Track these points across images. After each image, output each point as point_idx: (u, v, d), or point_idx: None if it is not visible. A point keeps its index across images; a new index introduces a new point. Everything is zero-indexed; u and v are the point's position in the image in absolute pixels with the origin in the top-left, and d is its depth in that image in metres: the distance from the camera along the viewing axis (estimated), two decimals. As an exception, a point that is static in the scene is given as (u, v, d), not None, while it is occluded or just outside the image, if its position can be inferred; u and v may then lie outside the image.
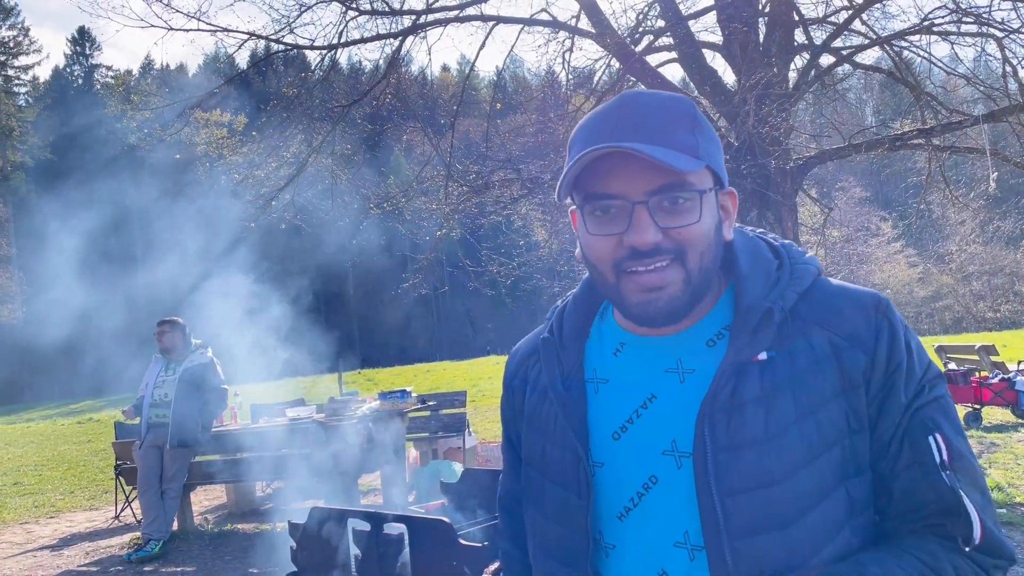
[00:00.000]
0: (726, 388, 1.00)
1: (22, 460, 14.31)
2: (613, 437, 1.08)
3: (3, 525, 8.16)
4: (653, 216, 0.98)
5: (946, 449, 1.00)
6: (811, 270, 1.09)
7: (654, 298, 1.00)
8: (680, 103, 1.03)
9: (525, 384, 1.23)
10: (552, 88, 15.48)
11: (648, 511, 1.04)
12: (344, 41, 11.34)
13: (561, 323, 1.20)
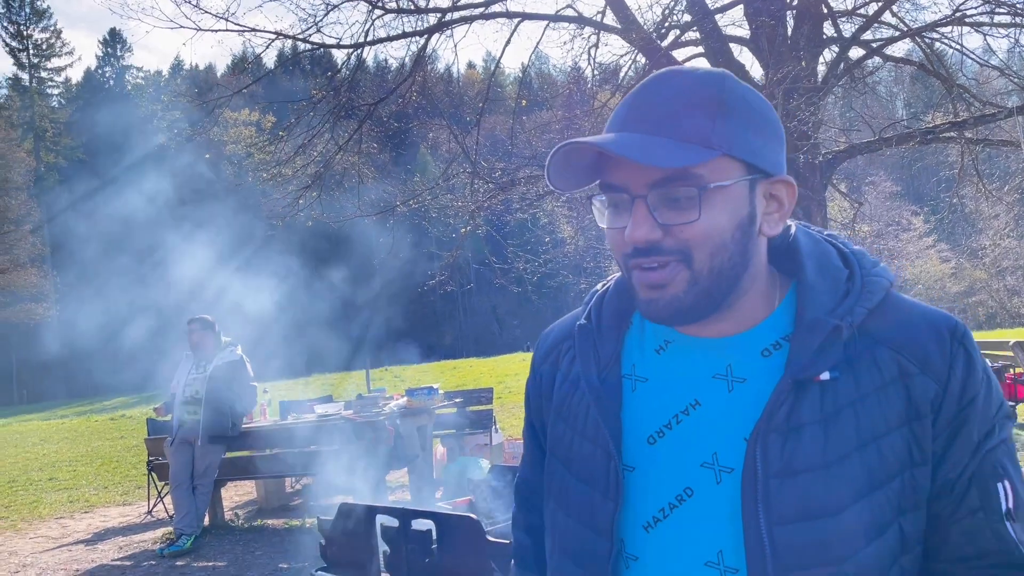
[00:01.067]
0: (783, 408, 0.92)
1: (57, 456, 14.57)
2: (648, 441, 1.00)
3: (39, 520, 8.32)
4: (653, 212, 0.92)
5: (1013, 498, 0.95)
6: (883, 283, 1.00)
7: (656, 296, 0.95)
8: (707, 84, 0.94)
9: (555, 370, 1.14)
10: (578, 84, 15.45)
11: (679, 525, 0.96)
12: (370, 40, 11.39)
13: (600, 310, 1.11)
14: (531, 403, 1.21)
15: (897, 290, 1.02)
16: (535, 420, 1.20)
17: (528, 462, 1.23)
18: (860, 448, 0.91)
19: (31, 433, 22.51)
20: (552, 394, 1.14)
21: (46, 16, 61.54)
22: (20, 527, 7.95)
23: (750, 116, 0.95)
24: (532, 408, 1.20)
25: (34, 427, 26.14)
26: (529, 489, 1.23)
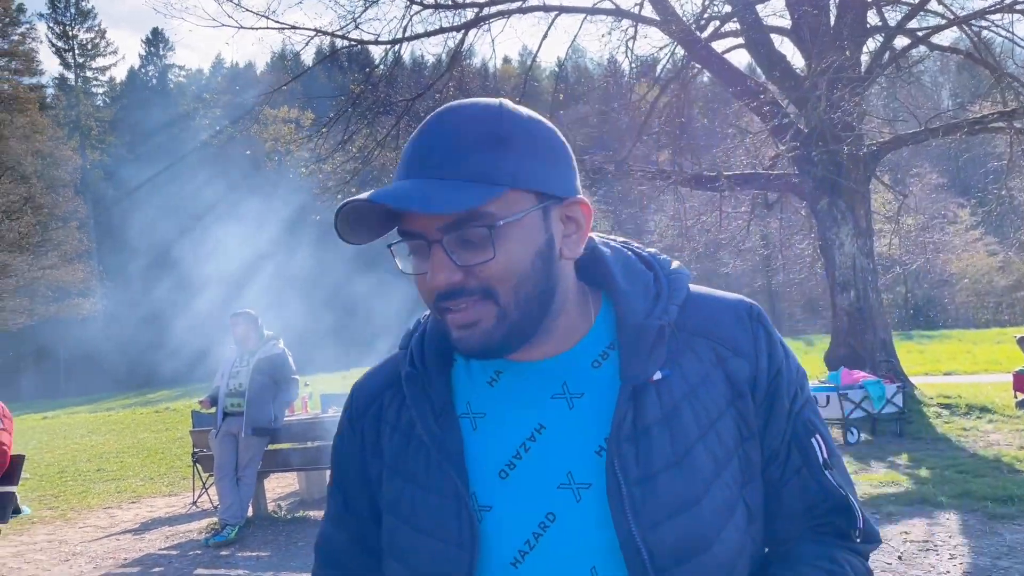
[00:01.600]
0: (628, 415, 0.94)
1: (104, 447, 14.91)
2: (500, 476, 0.97)
3: (88, 509, 8.53)
4: (450, 255, 0.90)
5: (825, 448, 1.03)
6: (684, 280, 1.04)
7: (467, 335, 0.93)
8: (484, 119, 0.92)
9: (380, 423, 1.08)
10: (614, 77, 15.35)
11: (548, 552, 0.95)
12: (408, 35, 11.43)
13: (422, 353, 1.06)
14: (348, 461, 1.12)
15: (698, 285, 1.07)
16: (351, 478, 1.12)
17: (334, 519, 1.15)
18: (702, 437, 0.95)
19: (79, 425, 23.07)
20: (381, 450, 1.07)
21: (91, 16, 62.79)
22: (70, 516, 8.16)
23: (533, 145, 0.93)
24: (350, 467, 1.12)
25: (81, 419, 26.79)
26: (332, 547, 1.15)
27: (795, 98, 10.07)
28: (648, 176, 11.78)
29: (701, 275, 18.58)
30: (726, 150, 13.38)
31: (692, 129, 12.57)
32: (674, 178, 11.49)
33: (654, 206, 15.06)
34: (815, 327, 38.96)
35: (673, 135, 12.35)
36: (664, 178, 11.62)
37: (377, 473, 1.07)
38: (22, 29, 32.99)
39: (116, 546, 6.69)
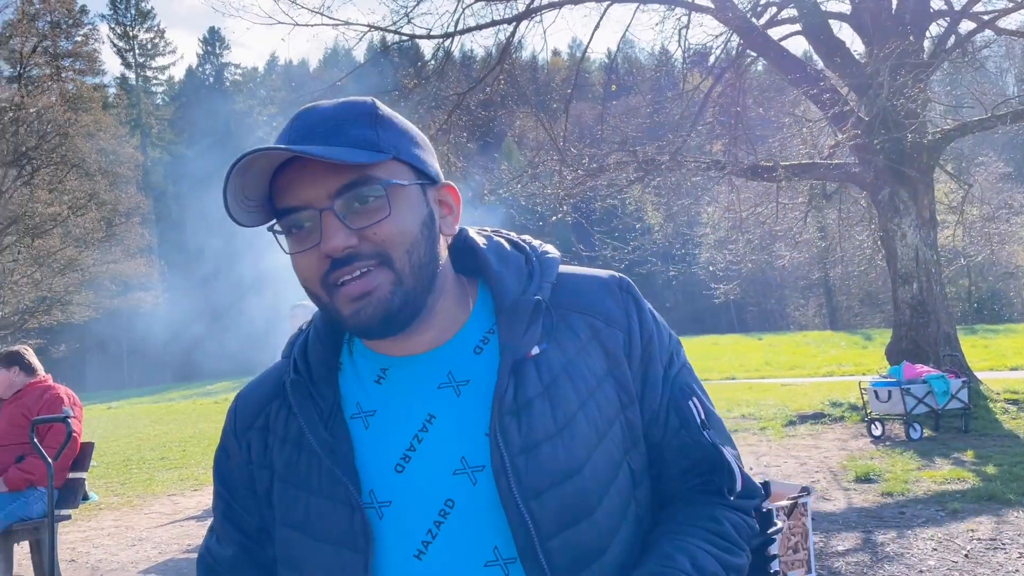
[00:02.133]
0: (508, 391, 0.96)
1: (167, 436, 15.33)
2: (396, 470, 0.98)
3: (153, 496, 8.78)
4: (344, 220, 0.92)
5: (702, 409, 1.06)
6: (556, 260, 1.08)
7: (363, 305, 0.93)
8: (358, 105, 0.98)
9: (267, 434, 1.06)
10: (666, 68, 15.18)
11: (450, 539, 0.95)
12: (460, 29, 11.45)
13: (306, 359, 1.05)
14: (233, 475, 1.10)
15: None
16: (236, 492, 1.10)
17: (219, 535, 1.13)
18: (581, 406, 0.98)
19: (142, 415, 23.76)
20: (270, 461, 1.05)
21: (150, 17, 64.42)
22: (136, 503, 8.41)
23: (404, 129, 1.01)
24: (234, 480, 1.10)
25: (144, 409, 27.58)
26: (215, 560, 1.13)
27: (855, 85, 9.84)
28: (702, 167, 11.63)
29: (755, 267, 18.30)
30: (782, 139, 13.13)
31: (747, 119, 12.36)
32: (729, 169, 11.33)
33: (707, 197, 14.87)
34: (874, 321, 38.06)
35: (728, 125, 12.17)
36: (719, 169, 11.46)
37: (266, 487, 1.05)
38: (85, 30, 33.94)
39: (180, 532, 6.87)
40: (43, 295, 26.07)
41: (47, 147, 26.88)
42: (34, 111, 26.98)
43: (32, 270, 25.80)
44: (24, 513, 4.60)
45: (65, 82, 30.75)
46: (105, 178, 28.75)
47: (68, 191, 26.92)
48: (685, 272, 18.63)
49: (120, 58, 63.77)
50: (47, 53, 30.30)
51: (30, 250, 25.84)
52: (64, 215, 26.27)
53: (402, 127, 1.01)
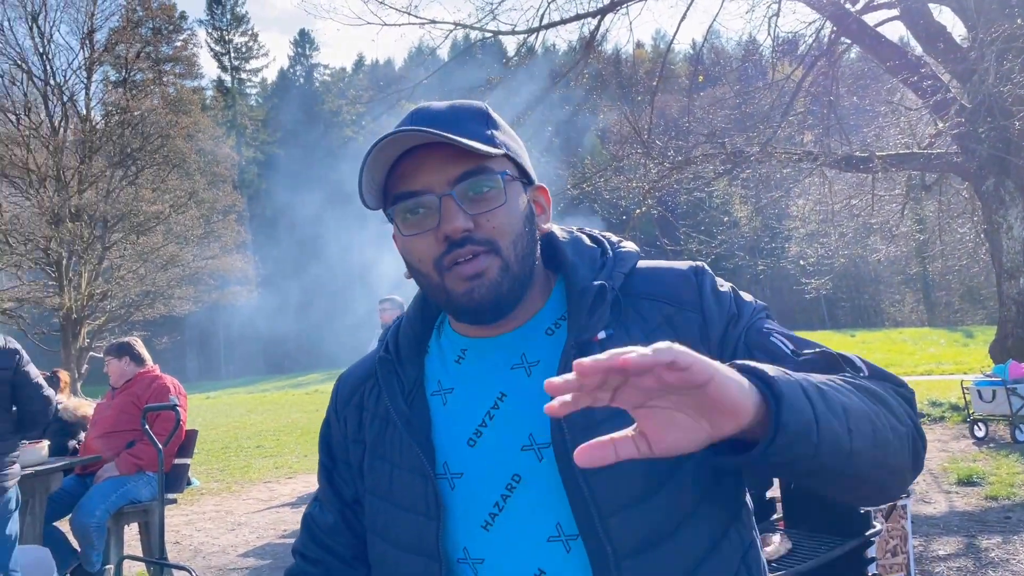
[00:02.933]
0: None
1: (262, 426, 15.91)
2: (468, 444, 1.04)
3: (250, 483, 9.14)
4: (461, 205, 0.99)
5: (790, 342, 1.01)
6: (632, 254, 1.12)
7: (476, 285, 1.00)
8: (472, 106, 1.06)
9: (362, 411, 1.16)
10: (754, 57, 14.83)
11: (515, 513, 1.00)
12: (545, 24, 11.46)
13: (396, 341, 1.16)
14: (333, 447, 1.21)
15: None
16: (337, 464, 1.20)
17: (321, 502, 1.24)
18: None
19: (238, 405, 24.71)
20: (363, 436, 1.15)
21: (245, 21, 66.76)
22: (234, 489, 8.77)
23: (511, 133, 1.08)
24: (334, 452, 1.20)
25: (240, 399, 28.67)
26: (316, 525, 1.23)
27: (958, 71, 9.41)
28: (793, 158, 11.33)
29: (848, 262, 17.70)
30: (878, 129, 12.66)
31: (840, 108, 11.96)
32: (821, 160, 11.00)
33: (797, 189, 14.46)
34: (976, 317, 36.33)
35: (820, 115, 11.81)
36: (811, 160, 11.14)
37: (359, 459, 1.15)
38: (184, 35, 35.48)
39: (276, 518, 7.13)
40: (147, 289, 27.37)
41: (150, 148, 28.20)
42: (138, 114, 28.34)
43: (137, 265, 27.13)
44: (134, 496, 4.86)
45: (166, 86, 32.20)
46: (204, 177, 29.99)
47: (170, 190, 28.18)
48: (774, 266, 18.18)
49: (217, 61, 66.37)
50: (150, 58, 31.78)
51: (135, 246, 27.16)
52: (166, 213, 27.51)
53: (508, 130, 1.08)
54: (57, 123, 27.35)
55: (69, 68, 28.72)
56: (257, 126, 65.25)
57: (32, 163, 26.00)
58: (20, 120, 26.50)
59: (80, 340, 25.39)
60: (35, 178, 26.06)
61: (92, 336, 26.06)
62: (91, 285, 26.29)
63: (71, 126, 27.79)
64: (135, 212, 26.89)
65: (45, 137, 26.62)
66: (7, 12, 26.90)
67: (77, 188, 26.36)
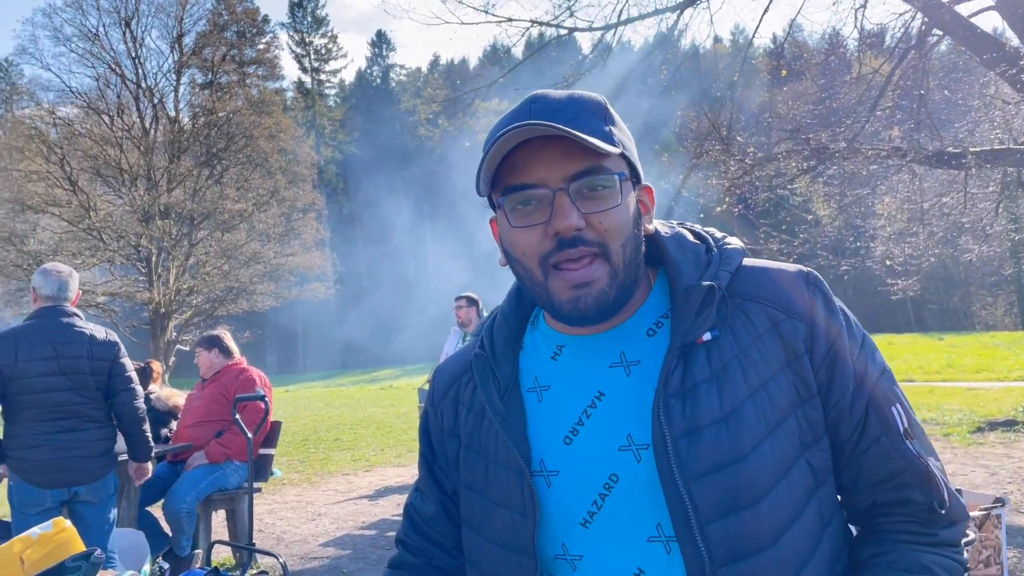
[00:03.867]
0: (676, 373, 0.98)
1: (339, 419, 16.26)
2: (565, 442, 1.03)
3: (329, 475, 9.34)
4: (575, 202, 0.97)
5: (906, 418, 1.02)
6: (738, 252, 1.08)
7: (583, 294, 0.98)
8: (592, 99, 1.03)
9: (457, 405, 1.17)
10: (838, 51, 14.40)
11: (614, 512, 0.99)
12: (622, 19, 11.36)
13: (492, 337, 1.15)
14: (431, 439, 1.22)
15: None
16: (436, 455, 1.21)
17: (421, 491, 1.25)
18: (752, 395, 0.97)
19: (316, 398, 25.31)
20: (458, 430, 1.16)
21: (325, 23, 68.28)
22: (314, 480, 8.98)
23: (625, 128, 1.05)
24: (433, 444, 1.21)
25: (318, 393, 29.37)
26: (417, 514, 1.25)
27: (1060, 62, 8.93)
28: (880, 154, 10.95)
29: (938, 262, 17.02)
30: (971, 124, 12.12)
31: (931, 102, 11.50)
32: (911, 156, 10.59)
33: (884, 187, 13.98)
34: (1075, 321, 34.47)
35: (909, 109, 11.38)
36: (899, 156, 10.74)
37: (455, 452, 1.16)
38: (267, 38, 36.50)
39: (355, 509, 7.27)
40: (230, 285, 28.25)
41: (235, 148, 29.11)
42: (223, 115, 29.28)
43: (221, 262, 28.03)
44: (222, 484, 5.02)
45: (250, 87, 33.17)
46: (285, 176, 30.78)
47: (252, 189, 29.03)
48: (858, 267, 17.62)
49: (297, 63, 68.10)
50: (234, 61, 32.79)
51: (219, 243, 28.07)
52: (249, 211, 28.34)
53: (625, 129, 1.06)
54: (148, 124, 28.50)
55: (159, 71, 29.93)
56: (335, 126, 66.69)
57: (125, 163, 27.16)
58: (114, 121, 27.72)
59: (168, 333, 26.40)
60: (127, 177, 27.21)
61: (179, 330, 27.07)
62: (178, 280, 27.31)
63: (161, 127, 28.92)
64: (220, 210, 27.80)
65: (137, 138, 27.77)
66: (103, 18, 28.18)
67: (166, 187, 27.41)
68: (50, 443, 3.73)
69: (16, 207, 26.53)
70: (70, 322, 3.82)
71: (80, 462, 3.79)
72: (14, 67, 50.31)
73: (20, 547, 2.76)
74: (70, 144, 26.75)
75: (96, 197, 26.75)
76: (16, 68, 50.76)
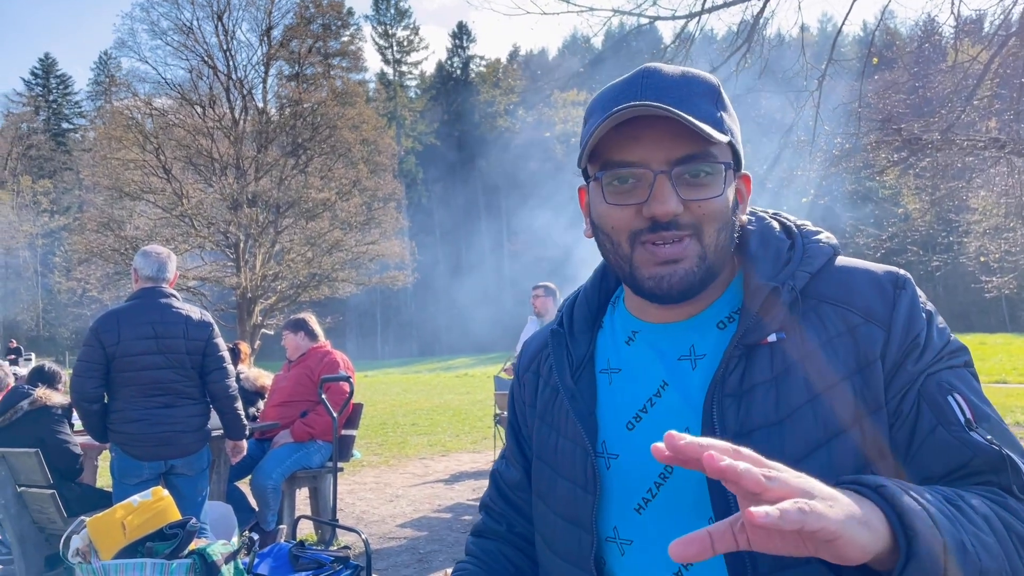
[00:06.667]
0: (735, 372, 0.96)
1: (416, 405, 16.55)
2: (627, 427, 1.04)
3: (406, 458, 9.54)
4: (675, 187, 0.94)
5: (968, 409, 0.92)
6: (826, 249, 1.03)
7: (669, 272, 0.97)
8: (705, 81, 0.99)
9: (537, 378, 1.19)
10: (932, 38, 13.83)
11: (667, 502, 0.99)
12: (707, 7, 11.17)
13: (571, 314, 1.16)
14: (515, 407, 1.25)
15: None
16: (519, 423, 1.24)
17: (508, 458, 1.28)
18: (812, 401, 0.93)
19: (394, 384, 25.80)
20: (536, 401, 1.18)
21: (407, 15, 69.17)
22: (391, 463, 9.18)
23: (734, 114, 1.02)
24: (516, 412, 1.25)
25: (395, 379, 29.92)
26: (503, 480, 1.28)
27: None
28: (977, 146, 10.49)
29: (1038, 259, 16.19)
30: (1077, 113, 11.49)
31: (1033, 91, 10.94)
32: (1009, 147, 10.12)
33: (979, 180, 13.39)
34: None
35: (1009, 99, 10.86)
36: (997, 147, 10.28)
37: (532, 423, 1.19)
38: (351, 30, 37.22)
39: (431, 492, 7.41)
40: (314, 272, 29.02)
41: (319, 138, 29.85)
42: (308, 106, 30.04)
43: (305, 249, 28.81)
44: (306, 462, 5.19)
45: (334, 79, 33.91)
46: (367, 166, 31.39)
47: (336, 178, 29.72)
48: (950, 263, 16.94)
49: (380, 55, 69.26)
50: (320, 53, 33.58)
51: (304, 231, 28.85)
52: (332, 200, 29.03)
53: (733, 112, 1.02)
54: (237, 115, 29.46)
55: (249, 63, 30.97)
56: (415, 117, 67.54)
57: (215, 152, 28.17)
58: (206, 112, 28.78)
59: (254, 317, 27.32)
60: (218, 166, 28.23)
61: (264, 314, 27.97)
62: (264, 266, 28.20)
63: (249, 118, 29.86)
64: (304, 199, 28.56)
65: (227, 128, 28.77)
66: (196, 11, 29.23)
67: (254, 176, 28.32)
68: (149, 418, 3.93)
69: (114, 194, 27.87)
70: (168, 303, 4.02)
71: (176, 436, 3.98)
72: (113, 60, 52.69)
73: (122, 514, 2.94)
74: (165, 134, 27.92)
75: (188, 185, 27.84)
76: (115, 61, 53.17)
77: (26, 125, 62.27)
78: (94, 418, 3.96)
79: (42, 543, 4.22)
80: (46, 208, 55.41)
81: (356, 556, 3.97)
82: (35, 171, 59.12)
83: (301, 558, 3.23)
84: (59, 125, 66.62)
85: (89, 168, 30.92)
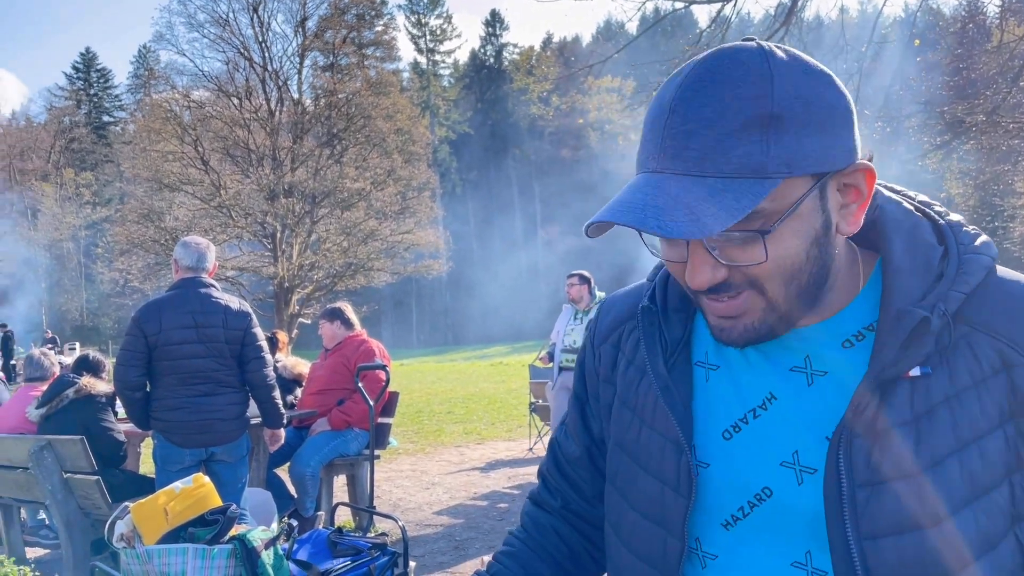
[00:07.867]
0: (869, 409, 0.81)
1: (452, 393, 16.63)
2: (724, 436, 0.92)
3: (442, 446, 9.59)
4: (712, 252, 0.80)
5: None
6: (984, 261, 0.84)
7: (729, 326, 0.85)
8: (754, 90, 0.76)
9: (617, 352, 1.04)
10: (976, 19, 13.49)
11: (761, 524, 0.89)
12: (743, -9, 11.00)
13: (665, 290, 0.99)
14: (586, 379, 1.11)
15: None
16: (589, 398, 1.11)
17: (569, 431, 1.15)
18: (959, 451, 0.80)
19: (429, 372, 25.95)
20: (614, 378, 1.04)
21: (440, 4, 69.11)
22: (427, 451, 9.24)
23: (808, 116, 0.77)
24: (587, 385, 1.11)
25: (430, 367, 30.09)
26: (561, 452, 1.16)
27: None
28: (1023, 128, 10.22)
29: (1087, 244, 15.73)
30: None
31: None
32: (1058, 129, 9.84)
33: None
34: None
35: (1058, 79, 10.56)
36: (1045, 130, 10.00)
37: (608, 401, 1.06)
38: (384, 20, 37.37)
39: (467, 480, 7.44)
40: (349, 261, 29.29)
41: (354, 128, 30.06)
42: (343, 96, 30.23)
43: (341, 239, 29.06)
44: (344, 450, 5.24)
45: (368, 69, 34.07)
46: (401, 156, 31.54)
47: (370, 168, 29.91)
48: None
49: (413, 44, 69.33)
50: (354, 43, 33.77)
51: (339, 221, 29.11)
52: (367, 190, 29.24)
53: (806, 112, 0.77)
54: (273, 106, 29.78)
55: (284, 54, 31.19)
56: (449, 106, 67.60)
57: (252, 143, 28.49)
58: (242, 103, 29.10)
59: (291, 307, 27.66)
60: (254, 157, 28.56)
61: (301, 303, 28.31)
62: (301, 256, 28.52)
63: (285, 108, 30.16)
64: (340, 189, 28.80)
65: (263, 119, 29.08)
66: (232, 4, 29.53)
67: (290, 166, 28.61)
68: (189, 406, 3.99)
69: (154, 185, 28.35)
70: (207, 293, 4.07)
71: (216, 424, 4.04)
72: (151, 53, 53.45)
73: (164, 500, 2.99)
74: (202, 126, 28.32)
75: (226, 176, 28.23)
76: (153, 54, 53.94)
77: (68, 119, 63.52)
78: (136, 406, 4.04)
79: (88, 528, 4.31)
80: (88, 200, 56.58)
81: (393, 543, 4.00)
82: (77, 164, 60.35)
83: (339, 544, 3.26)
84: (100, 118, 67.83)
85: (129, 160, 31.51)
